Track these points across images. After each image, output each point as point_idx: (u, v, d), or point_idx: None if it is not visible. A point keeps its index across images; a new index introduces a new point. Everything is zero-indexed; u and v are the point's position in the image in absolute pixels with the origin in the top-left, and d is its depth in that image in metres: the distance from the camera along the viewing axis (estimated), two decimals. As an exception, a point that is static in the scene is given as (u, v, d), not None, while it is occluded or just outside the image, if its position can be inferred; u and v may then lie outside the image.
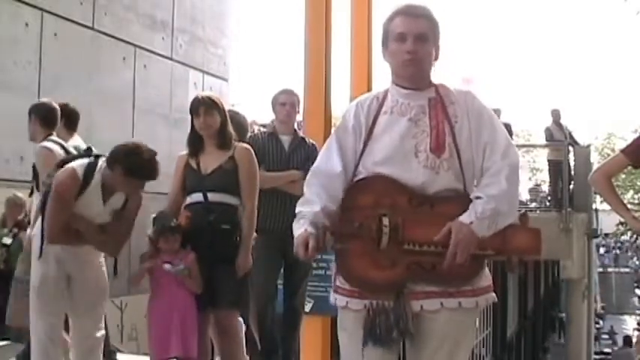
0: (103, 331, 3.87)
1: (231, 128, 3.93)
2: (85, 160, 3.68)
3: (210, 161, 3.87)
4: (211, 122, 3.84)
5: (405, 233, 2.29)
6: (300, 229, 2.35)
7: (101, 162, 3.64)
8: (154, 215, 3.96)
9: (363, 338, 2.32)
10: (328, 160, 2.46)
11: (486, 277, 2.43)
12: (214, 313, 3.89)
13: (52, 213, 3.59)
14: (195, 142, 3.91)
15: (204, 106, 3.84)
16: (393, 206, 2.31)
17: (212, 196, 3.82)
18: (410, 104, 2.42)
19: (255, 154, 3.96)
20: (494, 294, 2.45)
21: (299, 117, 4.75)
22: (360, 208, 2.34)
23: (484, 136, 2.39)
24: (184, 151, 3.98)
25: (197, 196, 3.85)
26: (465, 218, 2.28)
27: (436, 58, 2.47)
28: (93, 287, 3.74)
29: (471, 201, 2.35)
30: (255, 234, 3.85)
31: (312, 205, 2.39)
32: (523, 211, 2.44)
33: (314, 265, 4.22)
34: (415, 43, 2.38)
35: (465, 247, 2.25)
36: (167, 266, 3.72)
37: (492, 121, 2.45)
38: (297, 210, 2.44)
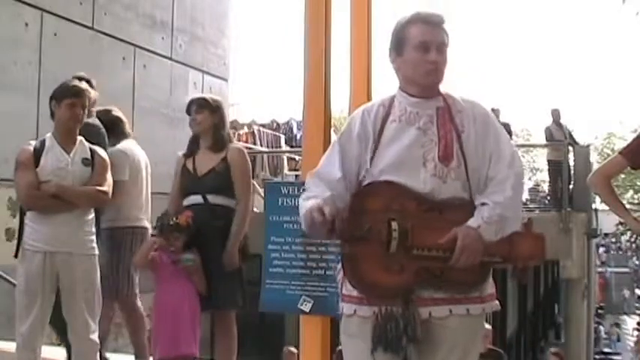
0: (95, 336, 3.81)
1: (227, 131, 4.03)
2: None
3: (205, 163, 3.93)
4: (200, 120, 3.95)
5: (414, 238, 2.28)
6: (309, 201, 2.32)
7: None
8: (158, 215, 4.00)
9: (373, 344, 2.30)
10: (329, 166, 2.44)
11: (491, 285, 2.44)
12: (217, 313, 3.92)
13: (16, 180, 3.68)
14: (193, 142, 4.02)
15: (195, 106, 4.00)
16: (403, 211, 2.30)
17: (212, 198, 3.86)
18: (419, 113, 2.41)
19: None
20: (497, 302, 2.45)
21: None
22: (369, 212, 2.32)
23: (490, 145, 2.40)
24: (181, 152, 4.07)
25: (196, 198, 3.88)
26: (472, 222, 2.29)
27: None
28: (82, 288, 3.72)
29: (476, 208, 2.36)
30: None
31: (322, 191, 2.37)
32: (527, 218, 2.44)
33: (314, 265, 4.21)
34: (438, 53, 2.38)
35: (472, 252, 2.25)
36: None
37: (497, 131, 2.45)
38: (302, 196, 2.43)
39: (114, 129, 4.49)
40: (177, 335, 3.71)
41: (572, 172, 11.58)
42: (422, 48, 2.38)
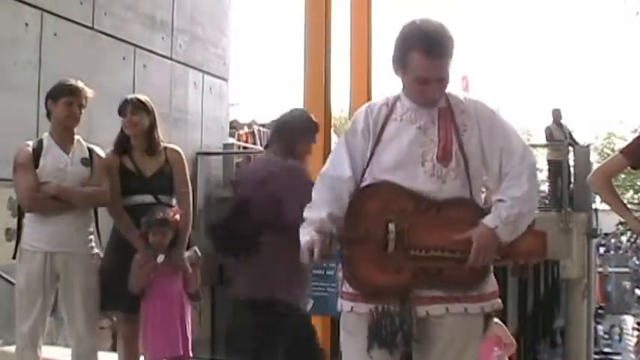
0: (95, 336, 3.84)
1: (158, 133, 4.01)
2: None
3: (147, 164, 3.93)
4: (136, 121, 3.91)
5: (411, 239, 2.29)
6: (305, 235, 2.35)
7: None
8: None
9: (369, 341, 2.32)
10: (337, 165, 2.45)
11: (492, 283, 2.44)
12: None
13: (16, 181, 3.67)
14: (123, 142, 3.96)
15: (131, 106, 3.93)
16: (401, 212, 2.31)
17: (164, 199, 3.94)
18: (420, 113, 2.42)
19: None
20: (499, 300, 2.46)
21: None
22: (367, 214, 2.34)
23: (498, 142, 2.40)
24: (109, 150, 4.00)
25: (146, 198, 3.89)
26: (489, 222, 2.29)
27: None
28: (82, 287, 3.73)
29: (477, 206, 2.37)
30: None
31: (319, 210, 2.39)
32: None
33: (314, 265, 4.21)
34: (437, 86, 2.37)
35: (487, 253, 2.27)
36: (160, 258, 3.74)
37: (504, 126, 2.45)
38: (304, 216, 2.44)
39: None
40: (166, 337, 3.70)
41: (572, 172, 11.57)
42: (422, 82, 2.36)
